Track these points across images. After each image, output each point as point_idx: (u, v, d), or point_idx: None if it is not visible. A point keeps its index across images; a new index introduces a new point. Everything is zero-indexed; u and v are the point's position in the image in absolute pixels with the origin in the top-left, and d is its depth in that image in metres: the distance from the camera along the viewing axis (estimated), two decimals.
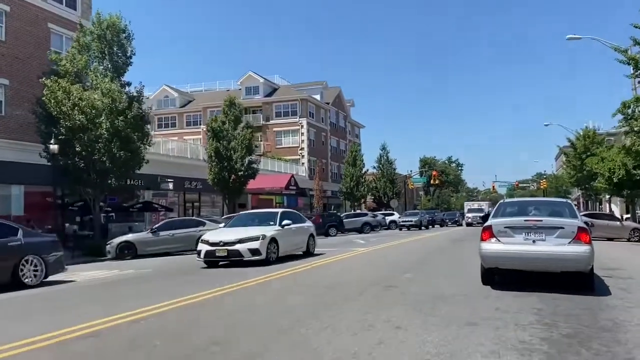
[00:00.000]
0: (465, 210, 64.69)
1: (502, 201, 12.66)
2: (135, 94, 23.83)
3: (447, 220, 56.99)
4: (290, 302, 8.56)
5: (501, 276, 9.87)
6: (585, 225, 9.15)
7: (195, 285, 10.78)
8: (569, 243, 8.83)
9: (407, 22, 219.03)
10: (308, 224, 18.75)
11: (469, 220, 54.24)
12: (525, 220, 9.28)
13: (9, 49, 24.07)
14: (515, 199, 16.11)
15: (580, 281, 9.04)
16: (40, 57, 24.64)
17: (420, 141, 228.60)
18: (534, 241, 8.96)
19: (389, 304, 8.16)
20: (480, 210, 55.22)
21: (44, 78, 22.08)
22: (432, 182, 76.98)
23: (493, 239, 9.33)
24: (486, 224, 9.78)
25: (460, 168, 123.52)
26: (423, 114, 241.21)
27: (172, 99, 63.85)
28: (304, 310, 7.88)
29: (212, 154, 33.19)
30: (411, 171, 79.31)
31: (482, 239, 9.49)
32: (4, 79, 23.78)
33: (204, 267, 14.85)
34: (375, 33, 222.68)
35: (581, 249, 8.73)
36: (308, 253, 17.58)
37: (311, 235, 18.15)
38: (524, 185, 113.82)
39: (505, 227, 9.29)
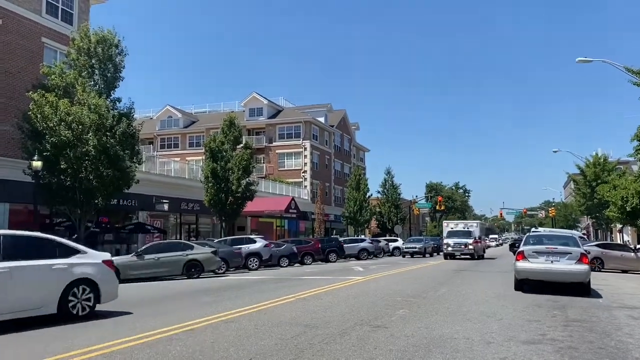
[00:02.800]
0: (444, 232, 41.60)
1: (528, 234, 19.38)
2: (125, 110, 22.86)
3: None
4: (257, 347, 7.30)
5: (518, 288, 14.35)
6: (585, 252, 13.99)
7: (143, 322, 9.54)
8: (575, 263, 13.50)
9: (415, 47, 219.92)
10: (73, 259, 10.06)
11: (451, 249, 34.58)
12: (546, 248, 14.04)
13: None
14: (536, 233, 21.64)
15: (580, 288, 13.78)
16: (32, 72, 23.85)
17: (427, 166, 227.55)
18: (552, 262, 13.68)
19: (373, 351, 6.90)
20: (468, 234, 36.32)
21: (31, 92, 21.22)
22: (437, 207, 75.40)
23: (524, 260, 14.00)
24: (519, 250, 14.55)
25: (467, 194, 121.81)
26: (430, 139, 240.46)
27: (175, 119, 63.26)
28: (270, 357, 6.62)
29: (209, 175, 32.15)
30: (416, 196, 78.03)
31: (517, 259, 14.19)
32: None
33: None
34: (383, 57, 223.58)
35: (583, 267, 13.45)
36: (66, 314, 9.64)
37: (83, 280, 10.02)
38: (532, 212, 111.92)
39: (533, 252, 14.00)
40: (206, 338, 7.88)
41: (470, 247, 34.35)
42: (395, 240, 48.79)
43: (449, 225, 43.98)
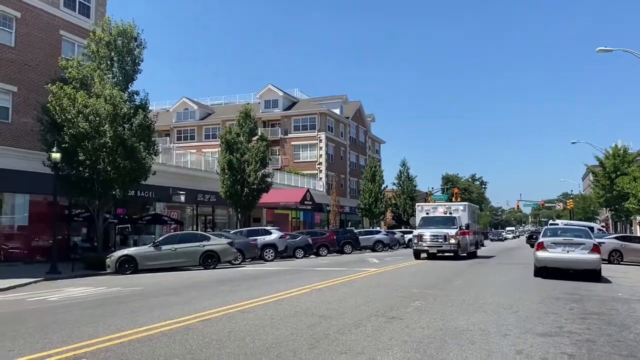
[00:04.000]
0: (417, 219, 29.76)
1: (545, 227, 22.25)
2: (140, 102, 23.02)
3: None
4: (272, 336, 7.35)
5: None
6: (597, 243, 16.10)
7: (161, 312, 9.68)
8: (588, 253, 15.49)
9: (430, 38, 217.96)
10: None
11: (424, 244, 25.61)
12: (563, 239, 16.10)
13: (18, 55, 23.63)
14: (553, 226, 23.16)
15: (592, 275, 15.60)
16: (50, 64, 24.14)
17: (443, 158, 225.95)
18: (567, 251, 15.69)
19: (388, 342, 6.91)
20: (451, 221, 26.60)
21: (50, 85, 21.49)
22: (453, 199, 74.91)
23: (544, 250, 15.99)
24: (539, 241, 16.53)
25: (484, 186, 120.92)
26: (446, 131, 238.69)
27: (191, 111, 63.56)
28: (286, 347, 6.67)
29: (225, 166, 32.29)
30: (432, 188, 77.63)
31: (537, 250, 16.25)
32: (12, 86, 23.29)
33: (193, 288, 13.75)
34: (398, 49, 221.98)
35: (595, 256, 15.44)
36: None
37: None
38: (550, 205, 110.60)
39: (551, 243, 16.05)
40: (223, 328, 7.95)
41: (453, 240, 25.03)
42: (411, 232, 48.59)
43: (423, 209, 30.17)
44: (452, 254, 25.53)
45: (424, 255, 25.98)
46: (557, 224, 32.85)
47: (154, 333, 7.58)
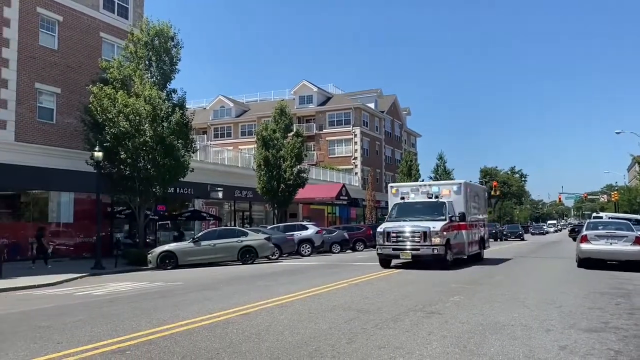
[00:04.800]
0: (390, 205, 19.43)
1: (588, 220, 23.85)
2: (178, 101, 23.47)
3: (509, 234, 53.66)
4: (310, 330, 7.39)
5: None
6: (638, 235, 16.37)
7: (201, 306, 9.84)
8: (631, 245, 16.19)
9: (467, 29, 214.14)
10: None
11: (390, 249, 17.20)
12: (606, 232, 16.93)
13: (61, 58, 24.41)
14: (595, 220, 23.25)
15: (636, 266, 16.14)
16: (91, 66, 24.85)
17: (481, 151, 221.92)
18: (610, 243, 16.48)
19: (427, 337, 6.85)
20: (436, 209, 17.75)
21: (91, 86, 22.13)
22: (492, 193, 73.50)
23: (587, 242, 16.72)
24: (582, 234, 17.26)
25: (524, 179, 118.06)
26: (483, 123, 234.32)
27: (228, 109, 64.34)
28: (324, 340, 6.70)
29: (262, 163, 32.59)
30: (470, 182, 76.30)
31: (581, 242, 17.01)
32: (56, 88, 24.10)
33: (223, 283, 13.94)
34: (433, 40, 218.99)
35: (637, 248, 16.05)
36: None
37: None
38: (593, 197, 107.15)
39: (595, 235, 16.81)
40: (262, 322, 8.05)
41: (438, 239, 16.47)
42: None
43: (399, 193, 19.76)
44: (435, 260, 16.74)
45: (399, 261, 17.83)
46: (601, 217, 31.88)
47: (195, 327, 7.74)
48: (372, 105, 59.57)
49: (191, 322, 8.12)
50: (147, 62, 23.05)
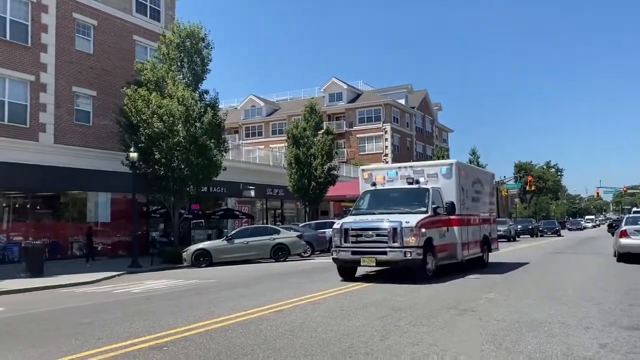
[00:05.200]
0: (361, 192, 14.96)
1: (627, 215, 23.61)
2: (210, 101, 23.82)
3: (546, 230, 52.47)
4: (343, 327, 7.41)
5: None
6: None
7: (236, 303, 9.95)
8: None
9: (497, 24, 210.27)
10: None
11: (349, 253, 12.82)
12: None
13: (96, 61, 25.05)
14: (635, 215, 22.94)
15: None
16: (125, 68, 25.42)
17: (515, 145, 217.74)
18: None
19: (461, 334, 6.78)
20: (417, 197, 13.60)
21: (125, 88, 22.64)
22: (527, 188, 72.06)
23: (627, 237, 16.69)
24: (622, 229, 17.23)
25: (560, 173, 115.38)
26: (517, 117, 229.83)
27: (258, 108, 64.89)
28: (357, 337, 6.71)
29: (292, 161, 32.75)
30: (504, 177, 75.01)
31: (620, 237, 17.02)
32: (92, 91, 24.76)
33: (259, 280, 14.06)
34: (463, 34, 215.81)
35: None
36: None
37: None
38: (633, 191, 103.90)
39: (635, 230, 16.69)
40: (295, 319, 8.11)
41: (410, 239, 12.22)
42: None
43: (371, 177, 15.14)
44: (410, 268, 12.55)
45: (365, 270, 14.22)
46: None
47: (229, 324, 7.85)
48: (402, 102, 59.17)
49: (226, 319, 8.24)
50: (179, 64, 23.44)
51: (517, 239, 41.08)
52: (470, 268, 15.17)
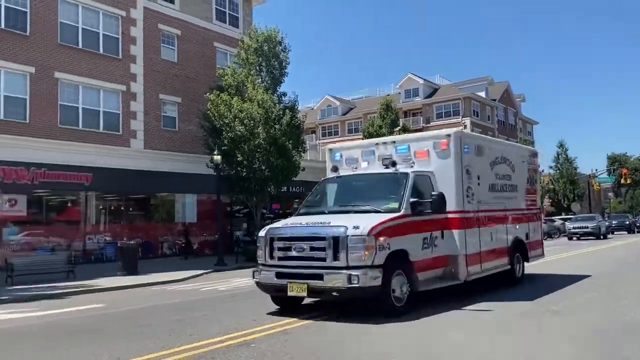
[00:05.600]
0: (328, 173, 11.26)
1: None
2: (289, 104, 24.31)
3: None
4: None
5: None
6: None
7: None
8: None
9: (589, 10, 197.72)
10: None
11: (278, 279, 8.70)
12: None
13: (181, 69, 26.25)
14: None
15: None
16: (207, 75, 26.46)
17: (608, 136, 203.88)
18: None
19: (555, 336, 6.45)
20: (391, 187, 9.47)
21: (208, 93, 23.58)
22: (622, 181, 67.35)
23: None
24: None
25: None
26: (610, 104, 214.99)
27: (334, 107, 65.30)
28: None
29: None
30: (596, 170, 70.55)
31: None
32: (177, 97, 25.98)
33: None
34: (549, 24, 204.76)
35: None
36: None
37: None
38: None
39: None
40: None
41: (359, 254, 7.87)
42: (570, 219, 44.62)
43: (341, 159, 11.08)
44: (365, 300, 8.39)
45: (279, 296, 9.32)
46: None
47: (311, 322, 7.95)
48: (482, 94, 57.21)
49: (308, 317, 8.36)
50: (257, 68, 24.08)
51: (608, 236, 38.06)
52: (488, 287, 10.81)
